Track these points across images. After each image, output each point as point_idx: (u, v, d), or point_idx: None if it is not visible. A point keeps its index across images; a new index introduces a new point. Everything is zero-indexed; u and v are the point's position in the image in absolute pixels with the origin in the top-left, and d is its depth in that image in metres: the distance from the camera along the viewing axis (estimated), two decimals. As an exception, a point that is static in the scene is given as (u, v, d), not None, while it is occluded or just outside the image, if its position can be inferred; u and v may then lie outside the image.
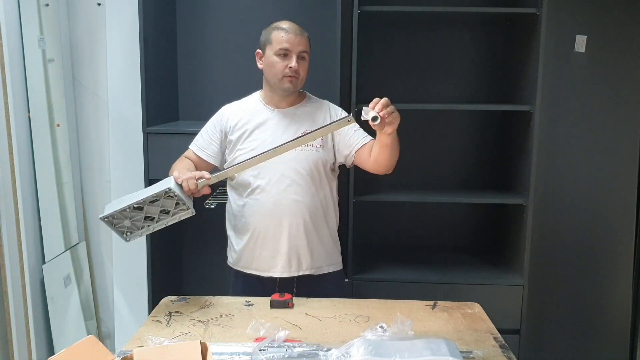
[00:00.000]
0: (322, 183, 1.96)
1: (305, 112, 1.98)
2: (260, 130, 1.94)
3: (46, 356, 2.57)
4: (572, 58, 2.74)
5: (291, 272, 1.96)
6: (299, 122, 1.95)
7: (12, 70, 2.42)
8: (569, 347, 2.89)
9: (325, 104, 2.04)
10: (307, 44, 1.92)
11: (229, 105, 2.04)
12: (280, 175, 1.91)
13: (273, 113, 1.97)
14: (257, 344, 1.46)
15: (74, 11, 2.84)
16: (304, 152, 1.92)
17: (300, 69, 1.89)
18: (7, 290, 2.46)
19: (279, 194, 1.91)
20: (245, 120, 1.96)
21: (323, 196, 1.97)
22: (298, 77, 1.90)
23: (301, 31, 1.91)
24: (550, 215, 2.81)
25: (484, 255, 2.80)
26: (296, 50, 1.88)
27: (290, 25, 1.91)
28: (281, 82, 1.90)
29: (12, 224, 2.47)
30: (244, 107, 2.01)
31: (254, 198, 1.94)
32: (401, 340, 1.45)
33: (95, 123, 2.92)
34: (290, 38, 1.88)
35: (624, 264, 2.85)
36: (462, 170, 2.88)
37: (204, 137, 2.01)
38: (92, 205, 2.98)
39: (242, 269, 2.01)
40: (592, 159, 2.80)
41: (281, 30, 1.89)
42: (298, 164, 1.91)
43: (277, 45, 1.88)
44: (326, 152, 1.96)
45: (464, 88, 2.84)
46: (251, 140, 1.93)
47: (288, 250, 1.94)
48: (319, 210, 1.97)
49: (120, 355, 1.32)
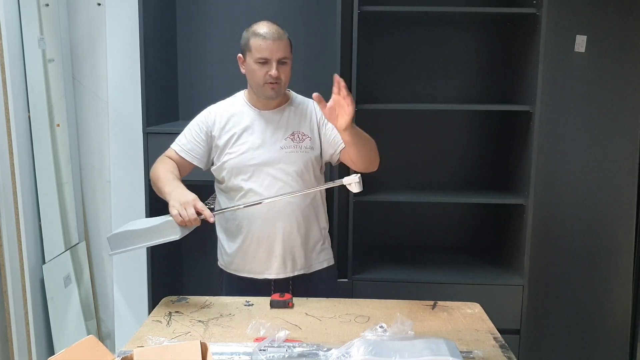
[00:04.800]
0: (312, 183, 1.96)
1: (292, 113, 1.96)
2: (248, 133, 1.92)
3: (46, 356, 2.57)
4: (572, 58, 2.74)
5: (286, 273, 1.96)
6: (287, 123, 1.94)
7: (12, 70, 2.42)
8: (568, 347, 2.89)
9: (311, 104, 1.99)
10: (286, 48, 1.85)
11: (214, 107, 2.00)
12: (272, 178, 1.90)
13: (260, 114, 1.94)
14: (257, 344, 1.46)
15: (74, 11, 2.84)
16: (294, 153, 1.91)
17: (281, 74, 1.85)
18: (7, 290, 2.46)
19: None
20: (232, 123, 1.93)
21: (313, 196, 1.97)
22: (280, 83, 1.86)
23: (279, 34, 1.84)
24: (550, 215, 2.82)
25: (484, 255, 2.80)
26: (275, 57, 1.83)
27: (268, 29, 1.84)
28: (263, 89, 1.88)
29: (12, 224, 2.46)
30: (230, 109, 1.97)
31: (246, 202, 1.92)
32: (401, 340, 1.45)
33: (95, 123, 2.91)
34: (269, 45, 1.82)
35: (624, 264, 2.85)
36: (462, 170, 2.88)
37: (188, 137, 1.96)
38: (92, 205, 2.98)
39: (234, 272, 2.00)
40: (592, 158, 2.80)
41: (259, 37, 1.83)
42: (288, 166, 1.90)
43: (257, 54, 1.83)
44: (314, 152, 1.95)
45: (464, 88, 2.84)
46: (240, 144, 1.91)
47: (283, 252, 1.93)
48: (311, 210, 1.97)
49: (120, 355, 1.32)
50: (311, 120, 1.96)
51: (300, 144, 1.92)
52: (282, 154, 1.89)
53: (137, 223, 1.78)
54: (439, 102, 2.79)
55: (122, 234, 1.73)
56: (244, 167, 1.90)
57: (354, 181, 1.71)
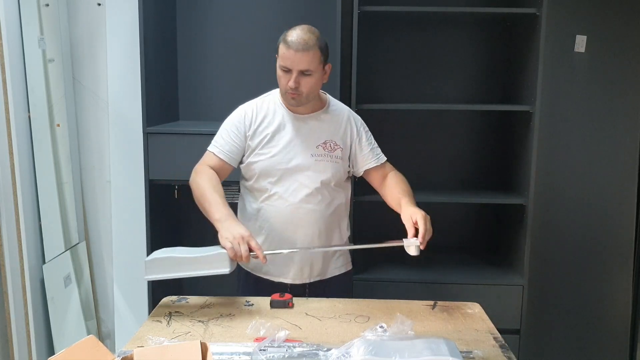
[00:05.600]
0: (338, 193, 1.93)
1: (326, 120, 1.91)
2: (281, 135, 1.88)
3: (46, 356, 2.57)
4: (572, 58, 2.74)
5: (303, 279, 1.94)
6: (320, 130, 1.90)
7: (12, 70, 2.42)
8: (568, 347, 2.89)
9: (346, 113, 1.96)
10: (311, 59, 1.76)
11: (249, 106, 1.93)
12: (299, 184, 1.87)
13: (293, 117, 1.89)
14: (257, 344, 1.46)
15: (74, 11, 2.84)
16: (324, 162, 1.88)
17: (301, 86, 1.79)
18: (7, 290, 2.46)
19: (296, 203, 1.87)
20: (266, 123, 1.89)
21: (338, 205, 1.94)
22: (300, 94, 1.81)
23: (306, 45, 1.75)
24: (550, 215, 2.82)
25: (484, 255, 2.80)
26: (296, 68, 1.76)
27: (297, 37, 1.75)
28: (285, 96, 1.85)
29: (12, 224, 2.46)
30: (264, 108, 1.91)
31: (270, 204, 1.89)
32: (401, 340, 1.45)
33: (95, 123, 2.91)
34: (291, 55, 1.75)
35: (624, 264, 2.85)
36: (462, 170, 2.88)
37: (225, 139, 1.89)
38: (92, 205, 2.98)
39: (251, 271, 1.99)
40: (592, 158, 2.80)
41: (285, 44, 1.76)
42: (316, 174, 1.87)
43: (281, 61, 1.79)
44: (344, 163, 1.92)
45: (464, 88, 2.84)
46: (271, 146, 1.87)
47: (301, 259, 1.91)
48: (334, 218, 1.94)
49: (120, 355, 1.31)
50: (345, 131, 1.93)
51: (331, 154, 1.89)
52: (312, 161, 1.86)
53: (178, 251, 1.74)
54: (438, 102, 2.79)
55: (162, 260, 1.69)
56: (272, 170, 1.86)
57: (413, 244, 1.70)
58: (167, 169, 2.48)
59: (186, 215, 2.91)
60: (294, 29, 1.80)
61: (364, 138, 1.96)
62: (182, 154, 2.45)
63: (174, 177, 2.50)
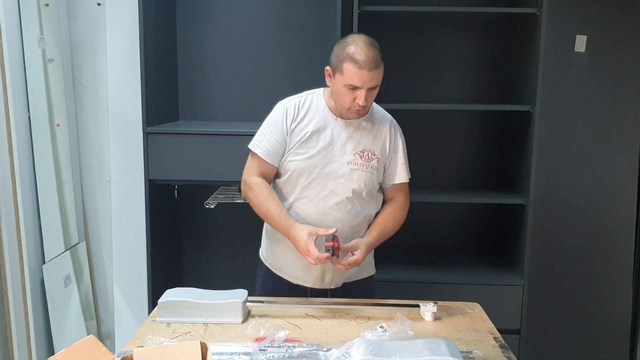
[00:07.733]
0: (369, 203, 1.90)
1: (367, 129, 1.87)
2: (319, 136, 1.82)
3: (46, 356, 2.57)
4: (572, 58, 2.74)
5: (323, 285, 1.91)
6: (359, 138, 1.85)
7: (12, 70, 2.42)
8: (569, 347, 2.89)
9: (387, 122, 1.92)
10: (380, 75, 1.75)
11: (289, 103, 1.87)
12: (329, 191, 1.82)
13: (334, 121, 1.84)
14: (257, 344, 1.46)
15: (74, 11, 2.84)
16: (359, 171, 1.83)
17: (368, 101, 1.76)
18: (7, 290, 2.46)
19: (324, 210, 1.83)
20: (306, 121, 1.84)
21: (366, 214, 1.90)
22: (367, 108, 1.80)
23: (376, 63, 1.72)
24: (550, 215, 2.81)
25: (484, 255, 2.80)
26: (367, 86, 1.72)
27: (367, 57, 1.70)
28: (347, 112, 1.79)
29: (12, 224, 2.46)
30: (305, 106, 1.86)
31: (298, 207, 1.85)
32: (401, 340, 1.45)
33: (95, 123, 2.91)
34: (363, 75, 1.70)
35: (624, 264, 2.85)
36: (462, 170, 2.88)
37: (269, 139, 1.84)
38: (92, 205, 2.98)
39: (272, 269, 1.96)
40: (592, 158, 2.80)
41: (354, 64, 1.70)
42: (349, 183, 1.82)
43: (348, 80, 1.72)
44: (379, 174, 1.89)
45: (464, 88, 2.84)
46: (309, 147, 1.82)
47: (322, 267, 1.86)
48: (361, 228, 1.90)
49: (120, 355, 1.32)
50: (384, 142, 1.89)
51: (368, 163, 1.84)
52: (346, 169, 1.82)
53: (192, 293, 1.74)
54: (439, 102, 2.79)
55: (176, 303, 1.69)
56: (306, 172, 1.82)
57: (431, 311, 1.71)
58: (167, 169, 2.48)
59: (186, 215, 2.92)
60: (355, 44, 1.74)
61: (400, 151, 1.93)
62: (182, 154, 2.45)
63: (174, 177, 2.50)
